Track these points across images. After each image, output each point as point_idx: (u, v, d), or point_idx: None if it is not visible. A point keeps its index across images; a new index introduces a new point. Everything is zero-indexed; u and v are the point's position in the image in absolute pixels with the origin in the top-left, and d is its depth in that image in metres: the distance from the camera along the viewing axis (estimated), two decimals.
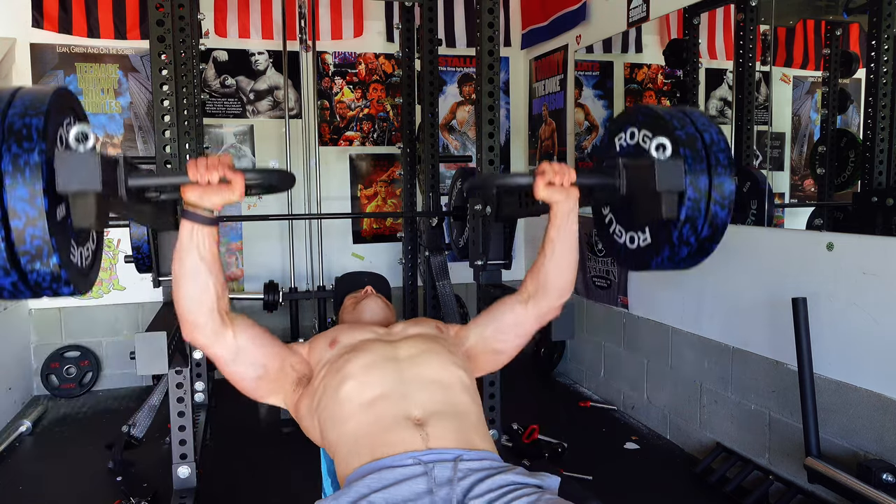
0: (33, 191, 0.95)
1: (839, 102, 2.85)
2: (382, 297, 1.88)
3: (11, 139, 0.95)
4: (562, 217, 1.47)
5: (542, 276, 1.52)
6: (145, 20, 2.98)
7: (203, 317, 1.32)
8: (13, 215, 0.95)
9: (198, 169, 1.19)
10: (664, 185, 1.24)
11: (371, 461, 1.28)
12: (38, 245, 0.98)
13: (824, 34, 2.93)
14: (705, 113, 1.42)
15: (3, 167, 0.94)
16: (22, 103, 1.00)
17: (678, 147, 1.31)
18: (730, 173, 1.33)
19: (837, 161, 2.80)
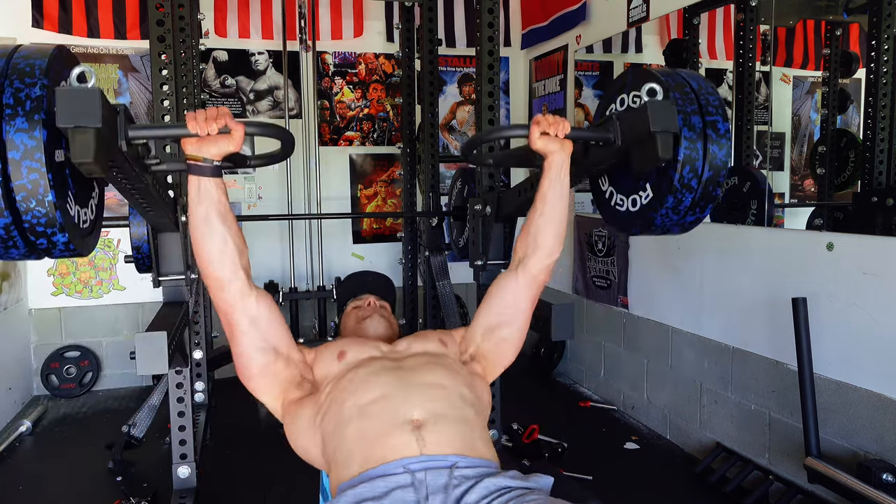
0: (32, 121, 0.95)
1: (839, 102, 2.85)
2: (386, 307, 1.85)
3: (14, 76, 0.96)
4: (556, 168, 1.47)
5: (533, 232, 1.52)
6: (145, 20, 2.98)
7: (228, 271, 1.35)
8: (11, 146, 0.94)
9: (197, 120, 1.21)
10: (658, 126, 1.25)
11: (364, 470, 1.26)
12: (35, 179, 0.96)
13: (824, 34, 2.93)
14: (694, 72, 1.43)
15: (3, 100, 0.94)
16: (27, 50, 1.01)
17: (669, 93, 1.32)
18: (721, 114, 1.34)
19: (837, 161, 2.80)
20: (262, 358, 1.43)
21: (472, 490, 1.22)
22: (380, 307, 1.83)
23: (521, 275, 1.54)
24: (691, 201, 1.39)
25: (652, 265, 3.37)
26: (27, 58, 0.99)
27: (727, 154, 1.36)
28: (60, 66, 1.06)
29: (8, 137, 0.94)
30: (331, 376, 1.51)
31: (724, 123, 1.35)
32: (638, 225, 1.49)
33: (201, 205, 1.31)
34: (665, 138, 1.27)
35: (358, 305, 1.85)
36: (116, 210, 4.02)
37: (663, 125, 1.26)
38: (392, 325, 1.79)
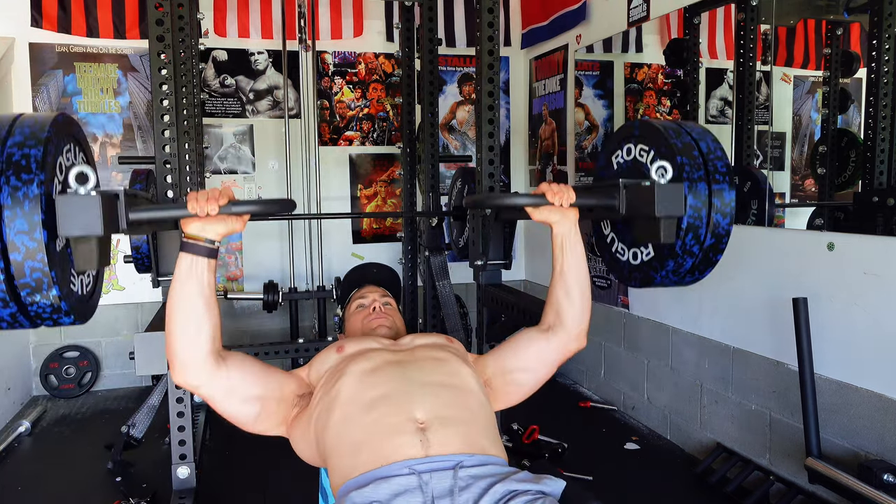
0: (32, 223, 0.95)
1: (840, 102, 2.85)
2: (391, 303, 1.83)
3: (10, 171, 0.95)
4: (563, 238, 1.46)
5: (557, 305, 1.51)
6: (144, 19, 2.97)
7: (197, 356, 1.29)
8: (12, 248, 0.95)
9: (198, 202, 1.17)
10: (663, 211, 1.23)
11: (367, 471, 1.24)
12: (38, 277, 0.98)
13: (825, 34, 2.92)
14: (701, 126, 1.41)
15: (1, 200, 0.94)
16: (21, 133, 0.99)
17: (676, 157, 1.30)
18: (728, 181, 1.33)
19: (838, 161, 2.79)
20: (251, 409, 1.39)
21: (479, 500, 1.19)
22: (384, 305, 1.80)
23: (553, 340, 1.53)
24: (692, 265, 1.39)
25: None
26: (22, 145, 0.97)
27: (731, 222, 1.35)
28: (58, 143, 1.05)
29: (9, 239, 0.95)
30: (325, 367, 1.50)
31: (731, 191, 1.33)
32: (637, 280, 1.49)
33: (189, 284, 1.25)
34: (669, 223, 1.27)
35: (362, 304, 1.81)
36: None
37: (669, 211, 1.24)
38: (398, 325, 1.77)
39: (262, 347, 3.26)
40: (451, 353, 1.54)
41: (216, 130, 4.24)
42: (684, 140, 1.34)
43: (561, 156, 4.28)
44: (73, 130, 1.12)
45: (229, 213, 1.19)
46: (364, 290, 1.89)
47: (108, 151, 4.09)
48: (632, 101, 3.93)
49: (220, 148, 4.27)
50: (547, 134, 4.46)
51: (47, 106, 3.96)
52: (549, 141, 4.44)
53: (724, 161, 1.34)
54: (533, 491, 1.23)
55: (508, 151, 4.83)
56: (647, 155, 1.38)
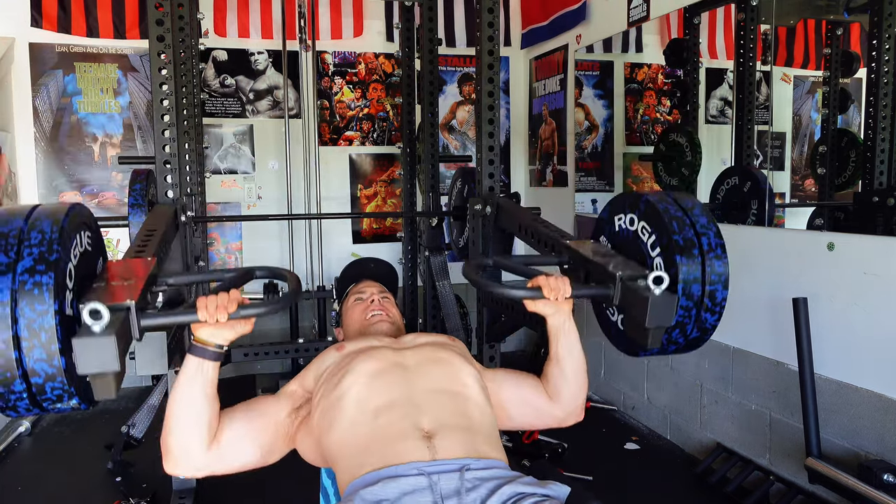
0: (50, 352, 1.00)
1: (840, 102, 2.85)
2: (389, 297, 1.83)
3: (24, 302, 0.98)
4: (557, 329, 1.48)
5: (553, 383, 1.52)
6: (145, 19, 2.97)
7: (192, 452, 1.29)
8: (33, 373, 1.01)
9: (208, 310, 1.17)
10: (654, 322, 1.25)
11: (375, 470, 1.25)
12: (59, 394, 1.04)
13: (825, 34, 2.93)
14: (706, 210, 1.42)
15: (19, 332, 0.98)
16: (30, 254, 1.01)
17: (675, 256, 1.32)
18: (724, 281, 1.35)
19: (838, 161, 2.79)
20: (254, 458, 1.38)
21: (486, 501, 1.20)
22: (382, 298, 1.80)
23: (555, 409, 1.54)
24: (674, 349, 1.43)
25: None
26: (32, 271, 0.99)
27: (719, 318, 1.38)
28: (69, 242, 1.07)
29: (29, 367, 1.00)
30: (326, 366, 1.50)
31: (724, 291, 1.36)
32: (623, 347, 1.52)
33: (195, 385, 1.26)
34: (657, 333, 1.29)
35: (360, 297, 1.80)
36: (116, 210, 4.02)
37: (659, 322, 1.26)
38: (397, 318, 1.77)
39: (262, 347, 3.28)
40: (454, 352, 1.54)
41: (216, 130, 4.24)
42: (686, 235, 1.35)
43: (561, 156, 4.28)
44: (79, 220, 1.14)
45: (238, 318, 1.20)
46: (362, 284, 1.88)
47: (108, 151, 4.09)
48: (632, 101, 3.93)
49: (220, 148, 4.27)
50: (547, 134, 4.46)
51: (47, 106, 3.96)
52: (549, 141, 4.44)
53: (723, 260, 1.36)
54: (539, 494, 1.23)
55: (508, 151, 4.83)
56: (648, 237, 1.40)
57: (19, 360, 0.99)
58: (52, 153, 4.00)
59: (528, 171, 4.81)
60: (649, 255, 1.39)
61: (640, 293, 1.26)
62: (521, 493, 1.22)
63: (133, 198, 2.56)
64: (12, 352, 0.98)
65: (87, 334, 1.01)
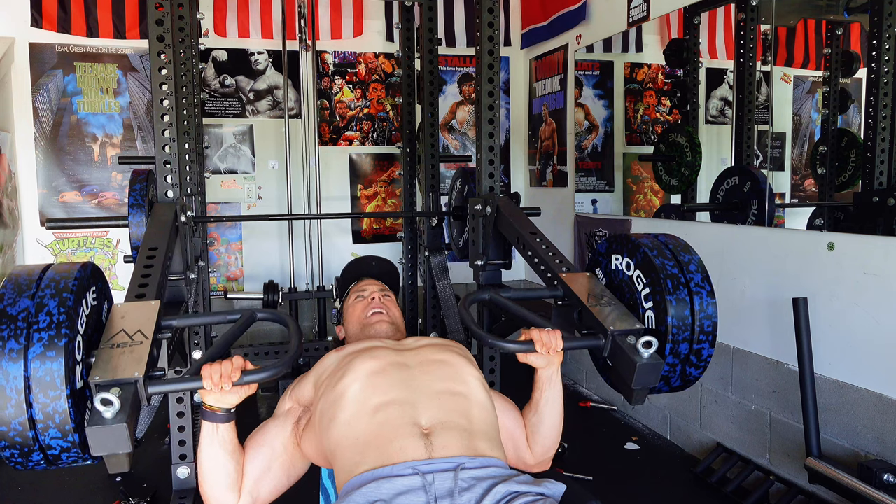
0: (64, 431, 1.06)
1: (840, 102, 2.85)
2: (391, 296, 1.83)
3: (38, 390, 1.03)
4: (544, 381, 1.50)
5: (529, 430, 1.55)
6: (144, 19, 2.97)
7: (228, 499, 1.39)
8: (49, 448, 1.07)
9: (212, 378, 1.23)
10: (639, 384, 1.31)
11: (370, 469, 1.25)
12: (73, 460, 1.11)
13: (825, 34, 2.92)
14: (702, 266, 1.46)
15: (34, 415, 1.03)
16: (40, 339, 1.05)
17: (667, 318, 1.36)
18: (711, 340, 1.39)
19: (838, 161, 2.79)
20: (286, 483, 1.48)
21: (481, 500, 1.20)
22: (383, 297, 1.80)
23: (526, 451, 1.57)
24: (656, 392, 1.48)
25: None
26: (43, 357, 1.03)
27: (701, 373, 1.43)
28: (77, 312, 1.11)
29: (45, 443, 1.06)
30: (327, 366, 1.51)
31: (710, 349, 1.40)
32: (608, 380, 1.53)
33: (213, 446, 1.34)
34: (641, 393, 1.35)
35: (361, 296, 1.80)
36: (116, 210, 4.02)
37: (644, 384, 1.32)
38: (397, 318, 1.77)
39: (262, 347, 3.28)
40: (457, 353, 1.54)
41: (216, 130, 4.24)
42: (680, 296, 1.38)
43: (561, 156, 4.28)
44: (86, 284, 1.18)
45: (242, 384, 1.26)
46: (363, 282, 1.88)
47: (108, 151, 4.09)
48: (632, 101, 3.93)
49: (220, 148, 4.27)
50: (547, 134, 4.46)
51: (47, 106, 3.96)
52: (549, 141, 4.44)
53: (712, 321, 1.39)
54: (533, 493, 1.23)
55: (508, 151, 4.83)
56: (643, 288, 1.44)
57: (35, 438, 1.05)
58: (52, 153, 4.00)
59: (528, 171, 4.81)
60: (642, 305, 1.43)
61: (629, 356, 1.31)
62: (515, 491, 1.22)
63: (133, 198, 2.56)
64: (29, 432, 1.04)
65: (100, 422, 1.05)
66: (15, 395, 1.02)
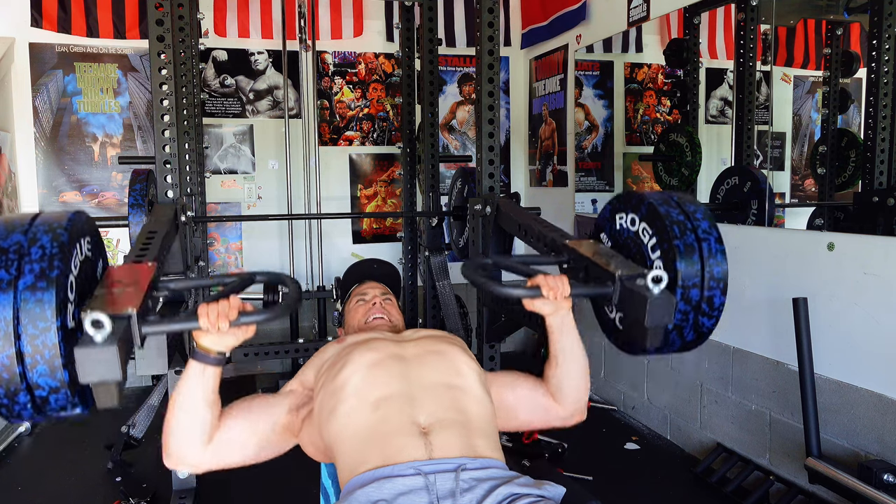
0: (53, 367, 1.01)
1: (840, 102, 2.85)
2: (392, 299, 1.84)
3: (27, 321, 0.99)
4: (557, 328, 1.46)
5: (554, 384, 1.50)
6: (145, 20, 2.97)
7: (191, 452, 1.32)
8: (36, 387, 1.02)
9: (209, 318, 1.18)
10: (652, 322, 1.25)
11: (373, 468, 1.25)
12: (62, 404, 1.05)
13: (825, 34, 2.93)
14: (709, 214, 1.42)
15: (23, 348, 0.99)
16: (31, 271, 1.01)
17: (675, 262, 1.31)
18: (722, 287, 1.35)
19: (838, 161, 2.80)
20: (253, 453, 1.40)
21: (482, 502, 1.20)
22: (384, 300, 1.81)
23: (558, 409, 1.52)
24: (670, 351, 1.43)
25: None
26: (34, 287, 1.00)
27: (715, 323, 1.38)
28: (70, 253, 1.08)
29: (33, 381, 1.01)
30: (327, 358, 1.51)
31: (722, 297, 1.36)
32: (619, 344, 1.50)
33: (196, 390, 1.28)
34: (656, 332, 1.29)
35: (363, 299, 1.81)
36: (116, 210, 4.02)
37: (657, 322, 1.26)
38: (398, 322, 1.78)
39: (262, 347, 3.27)
40: (453, 345, 1.54)
41: (216, 130, 4.24)
42: (687, 241, 1.35)
43: (561, 156, 4.28)
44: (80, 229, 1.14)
45: (239, 325, 1.20)
46: (364, 286, 1.89)
47: (108, 151, 4.09)
48: (632, 101, 3.93)
49: (220, 148, 4.27)
50: (547, 134, 4.46)
51: (47, 106, 3.96)
52: (549, 141, 4.44)
53: (723, 267, 1.35)
54: (534, 495, 1.24)
55: (508, 151, 4.83)
56: (649, 239, 1.40)
57: (23, 375, 1.00)
58: (52, 153, 4.00)
59: (528, 171, 4.81)
60: (649, 258, 1.39)
61: (639, 293, 1.26)
62: (516, 493, 1.23)
63: (133, 198, 2.56)
64: (16, 367, 0.99)
65: (89, 344, 1.01)
66: (3, 326, 0.98)
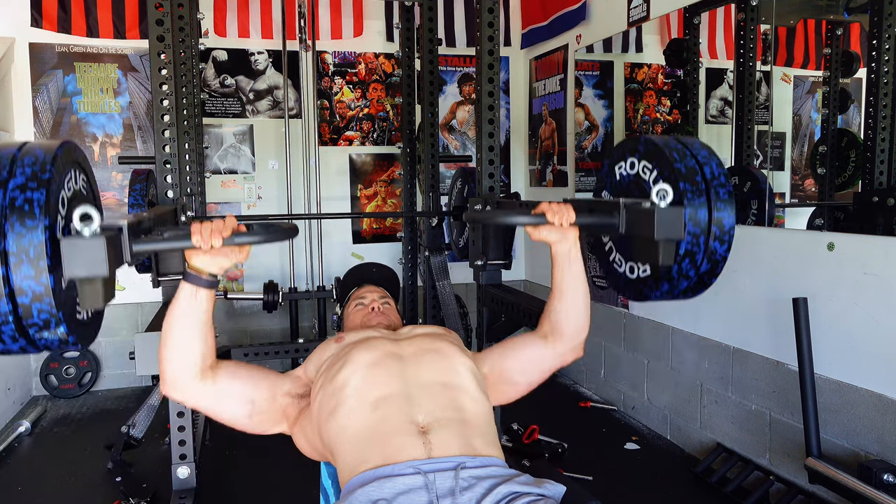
0: (38, 269, 0.97)
1: (840, 102, 2.85)
2: (390, 303, 1.85)
3: (14, 217, 0.96)
4: (562, 257, 1.45)
5: (554, 317, 1.50)
6: (145, 20, 2.97)
7: (186, 377, 1.32)
8: (20, 292, 0.97)
9: (202, 235, 1.15)
10: (662, 234, 1.22)
11: (372, 468, 1.26)
12: (46, 318, 1.00)
13: (825, 34, 2.92)
14: (708, 146, 1.40)
15: (7, 247, 0.95)
16: (23, 173, 0.99)
17: (678, 183, 1.29)
18: (730, 207, 1.32)
19: (838, 161, 2.79)
20: (244, 408, 1.41)
21: (482, 500, 1.21)
22: (383, 305, 1.82)
23: (550, 347, 1.53)
24: (686, 286, 1.40)
25: None
26: (24, 188, 0.98)
27: (728, 248, 1.34)
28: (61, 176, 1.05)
29: (16, 285, 0.97)
30: (326, 357, 1.52)
31: (731, 217, 1.33)
32: (632, 294, 1.49)
33: (189, 313, 1.27)
34: (668, 246, 1.25)
35: (361, 303, 1.82)
36: (116, 210, 4.02)
37: (668, 234, 1.23)
38: (396, 325, 1.78)
39: (262, 347, 3.27)
40: (449, 342, 1.55)
41: (216, 130, 4.24)
42: (688, 164, 1.33)
43: (561, 156, 4.28)
44: (74, 157, 1.12)
45: (232, 244, 1.17)
46: (363, 289, 1.90)
47: (108, 151, 4.09)
48: (632, 101, 3.93)
49: (220, 148, 4.27)
50: (547, 134, 4.46)
51: (47, 106, 3.96)
52: (549, 141, 4.44)
53: (728, 188, 1.33)
54: (534, 494, 1.24)
55: (508, 151, 4.83)
56: (650, 174, 1.38)
57: (6, 278, 0.96)
58: None
59: (528, 171, 4.81)
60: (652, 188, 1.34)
61: (646, 209, 1.24)
62: (515, 492, 1.23)
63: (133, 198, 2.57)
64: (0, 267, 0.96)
65: (77, 237, 0.98)
66: None
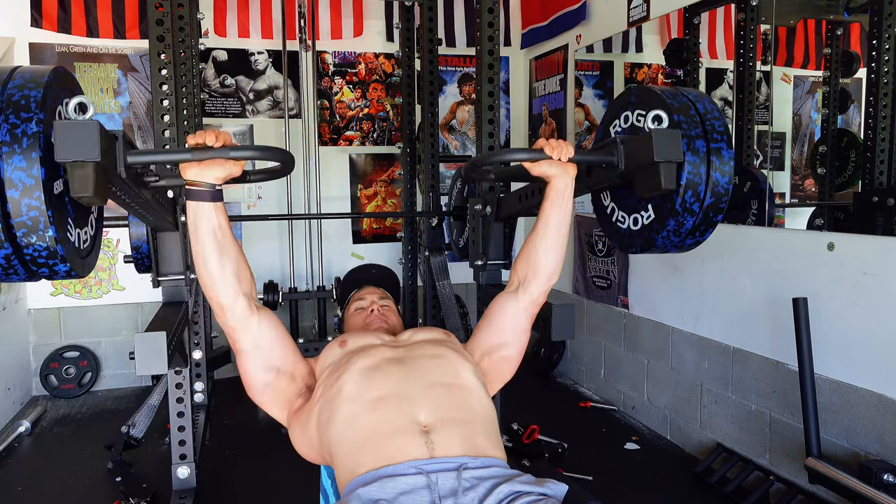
0: (30, 160, 0.94)
1: (840, 102, 2.85)
2: (389, 305, 1.85)
3: (9, 110, 0.95)
4: (558, 192, 1.48)
5: (534, 256, 1.53)
6: (145, 20, 2.97)
7: (228, 296, 1.36)
8: (10, 184, 0.94)
9: (195, 136, 1.18)
10: (662, 155, 1.24)
11: (373, 469, 1.25)
12: (35, 216, 0.97)
13: (825, 34, 2.92)
14: (700, 92, 1.43)
15: (0, 137, 0.94)
16: (21, 76, 0.99)
17: (673, 115, 1.31)
18: (726, 141, 1.34)
19: (838, 161, 2.79)
20: (265, 376, 1.46)
21: (484, 500, 1.21)
22: (383, 307, 1.82)
23: (522, 297, 1.55)
24: (692, 225, 1.40)
25: (652, 265, 3.36)
26: (22, 87, 0.97)
27: (729, 181, 1.35)
28: (57, 91, 1.05)
29: (6, 176, 0.94)
30: (327, 362, 1.53)
31: (729, 150, 1.34)
32: (638, 244, 1.51)
33: (201, 230, 1.30)
34: (668, 168, 1.27)
35: (361, 306, 1.83)
36: (116, 210, 4.01)
37: (667, 155, 1.25)
38: (396, 328, 1.79)
39: None
40: (450, 348, 1.55)
41: None
42: (681, 101, 1.35)
43: None
44: (71, 85, 1.12)
45: (227, 157, 1.19)
46: (363, 291, 1.90)
47: None
48: None
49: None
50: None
51: None
52: None
53: (722, 122, 1.35)
54: (536, 493, 1.23)
55: None
56: (645, 119, 1.38)
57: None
58: None
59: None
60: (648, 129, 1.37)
61: (643, 137, 1.25)
62: (517, 491, 1.23)
63: None
64: None
65: (71, 121, 0.98)
66: None
